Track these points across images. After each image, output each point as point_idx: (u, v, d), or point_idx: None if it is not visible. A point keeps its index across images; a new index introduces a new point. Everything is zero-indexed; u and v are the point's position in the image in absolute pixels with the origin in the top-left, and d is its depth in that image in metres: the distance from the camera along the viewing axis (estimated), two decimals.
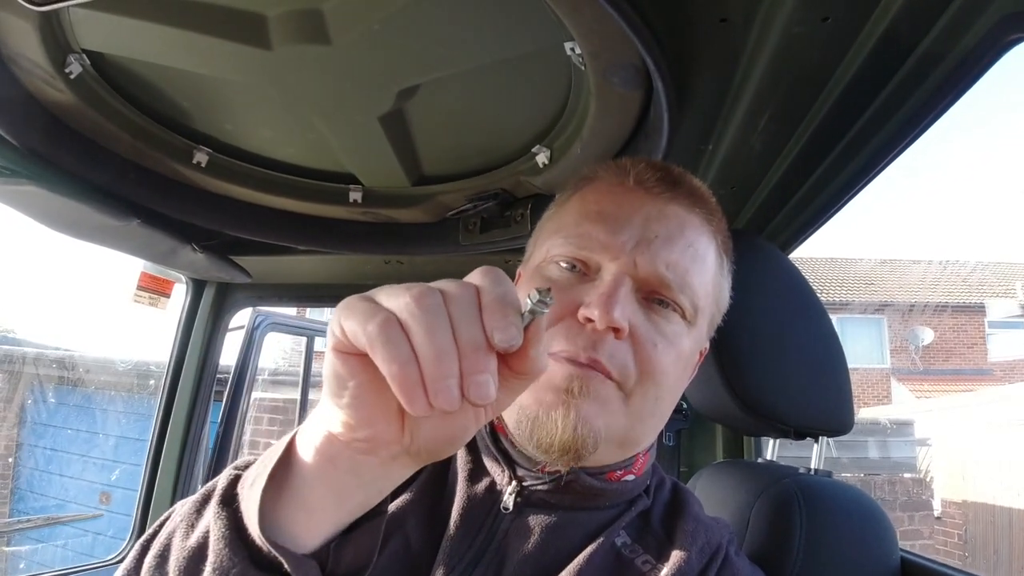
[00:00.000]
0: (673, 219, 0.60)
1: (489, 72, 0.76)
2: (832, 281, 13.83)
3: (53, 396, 5.48)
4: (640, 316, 0.56)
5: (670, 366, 0.57)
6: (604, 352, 0.53)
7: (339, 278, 1.46)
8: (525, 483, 0.58)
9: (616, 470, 0.60)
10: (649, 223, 0.58)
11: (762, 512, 0.68)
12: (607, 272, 0.56)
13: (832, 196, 0.79)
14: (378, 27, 0.65)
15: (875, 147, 0.68)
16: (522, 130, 0.90)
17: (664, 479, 0.66)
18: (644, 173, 0.61)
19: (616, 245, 0.57)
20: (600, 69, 0.67)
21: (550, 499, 0.58)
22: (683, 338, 0.58)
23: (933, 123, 0.64)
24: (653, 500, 0.63)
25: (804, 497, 0.67)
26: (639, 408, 0.56)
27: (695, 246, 0.60)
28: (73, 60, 0.74)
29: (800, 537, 0.65)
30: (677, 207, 0.60)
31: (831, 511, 0.68)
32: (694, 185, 0.63)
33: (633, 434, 0.58)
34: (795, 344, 0.74)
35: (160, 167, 0.95)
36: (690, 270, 0.58)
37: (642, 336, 0.55)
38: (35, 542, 4.19)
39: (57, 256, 23.02)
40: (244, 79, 0.78)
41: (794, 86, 0.63)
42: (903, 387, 11.87)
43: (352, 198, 1.09)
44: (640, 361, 0.55)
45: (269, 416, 6.05)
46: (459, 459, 0.62)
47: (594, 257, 0.58)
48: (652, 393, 0.56)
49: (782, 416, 0.72)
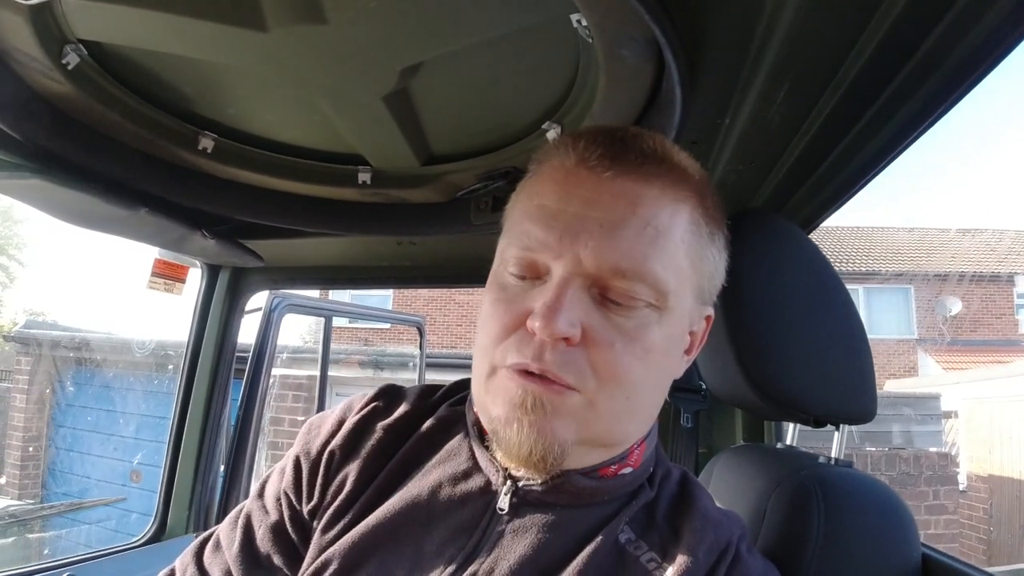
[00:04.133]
0: (621, 199, 0.53)
1: (494, 47, 0.73)
2: (858, 251, 13.58)
3: (82, 377, 5.63)
4: (595, 315, 0.51)
5: (635, 363, 0.52)
6: (555, 361, 0.50)
7: (353, 260, 1.45)
8: (520, 483, 0.57)
9: (609, 465, 0.58)
10: (593, 205, 0.52)
11: (779, 505, 0.66)
12: (553, 275, 0.52)
13: (856, 172, 0.75)
14: (375, 4, 0.63)
15: (903, 119, 0.64)
16: (531, 107, 0.87)
17: (671, 470, 0.63)
18: (587, 150, 0.54)
19: (557, 242, 0.52)
20: (607, 42, 0.63)
21: (546, 498, 0.56)
22: (650, 329, 0.53)
23: (968, 91, 0.59)
24: (658, 492, 0.60)
25: (823, 490, 0.64)
26: (608, 411, 0.53)
27: (653, 223, 0.52)
28: (70, 51, 0.73)
29: (817, 532, 0.62)
30: (626, 181, 0.53)
31: (850, 506, 0.65)
32: (649, 149, 0.55)
33: (613, 435, 0.56)
34: (816, 328, 0.71)
35: (166, 154, 0.94)
36: (648, 254, 0.52)
37: (598, 337, 0.51)
38: (59, 528, 4.33)
39: (82, 238, 23.44)
40: (242, 63, 0.76)
41: (815, 55, 0.59)
42: (930, 358, 11.66)
43: (361, 179, 1.07)
44: (598, 365, 0.51)
45: (293, 393, 6.17)
46: (454, 459, 0.61)
47: (539, 258, 0.53)
48: (619, 394, 0.52)
49: (801, 404, 0.69)
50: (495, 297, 0.56)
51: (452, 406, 0.67)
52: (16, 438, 5.52)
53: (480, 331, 0.57)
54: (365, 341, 11.25)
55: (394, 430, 0.64)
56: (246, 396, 1.87)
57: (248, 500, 0.68)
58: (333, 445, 0.64)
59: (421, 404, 0.67)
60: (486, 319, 0.56)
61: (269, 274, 1.50)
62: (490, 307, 0.56)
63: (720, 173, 0.84)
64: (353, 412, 0.67)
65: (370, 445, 0.63)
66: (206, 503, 1.54)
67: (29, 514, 4.03)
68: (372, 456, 0.63)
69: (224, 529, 0.66)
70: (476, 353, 0.57)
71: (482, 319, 0.57)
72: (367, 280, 1.56)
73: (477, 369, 0.57)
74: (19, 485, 5.44)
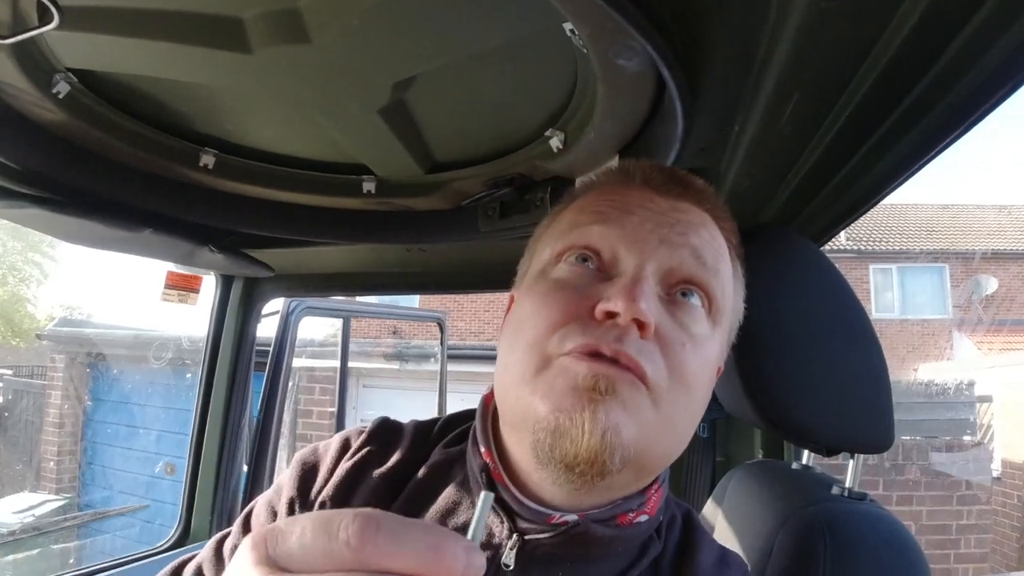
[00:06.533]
0: (688, 216, 0.54)
1: (490, 57, 0.70)
2: (891, 229, 13.25)
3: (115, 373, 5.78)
4: (665, 315, 0.49)
5: (700, 371, 0.50)
6: (632, 346, 0.46)
7: (363, 266, 1.44)
8: (527, 536, 0.52)
9: (628, 512, 0.53)
10: (665, 215, 0.53)
11: (785, 545, 0.63)
12: (626, 263, 0.50)
13: (872, 186, 0.70)
14: (357, 22, 0.61)
15: (922, 132, 0.59)
16: (532, 114, 0.85)
17: (676, 514, 0.60)
18: (650, 172, 0.57)
19: (634, 234, 0.51)
20: (602, 50, 0.60)
21: (556, 552, 0.52)
22: (710, 341, 0.52)
23: (996, 106, 0.55)
24: (664, 543, 0.57)
25: (830, 531, 0.61)
26: (669, 420, 0.48)
27: (715, 243, 0.54)
28: (59, 80, 0.72)
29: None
30: (690, 204, 0.56)
31: (859, 549, 0.61)
32: (702, 186, 0.58)
33: (656, 454, 0.50)
34: (829, 354, 0.67)
35: (167, 172, 0.93)
36: (714, 267, 0.53)
37: (669, 336, 0.48)
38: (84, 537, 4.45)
39: None
40: (231, 84, 0.74)
41: (825, 65, 0.55)
42: (965, 339, 11.33)
43: (366, 189, 1.06)
44: (670, 363, 0.48)
45: (320, 386, 6.26)
46: (454, 511, 0.57)
47: (609, 246, 0.51)
48: (683, 403, 0.49)
49: (812, 434, 0.65)
50: (547, 289, 0.52)
51: (446, 447, 0.63)
52: (52, 434, 5.71)
53: (523, 327, 0.51)
54: (395, 331, 11.37)
55: (388, 479, 0.61)
56: (266, 398, 1.90)
57: (233, 529, 0.64)
58: (324, 495, 0.60)
59: (415, 447, 0.64)
60: (535, 311, 0.50)
61: (281, 282, 1.50)
62: (540, 299, 0.51)
63: (732, 179, 0.81)
64: (347, 456, 0.63)
65: (364, 497, 0.60)
66: (228, 507, 1.56)
67: (53, 525, 4.16)
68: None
69: (207, 559, 0.62)
70: (515, 352, 0.51)
71: (526, 315, 0.51)
72: (378, 287, 1.55)
73: (519, 367, 0.50)
74: (56, 480, 5.63)
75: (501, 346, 0.55)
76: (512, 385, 0.51)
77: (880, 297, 12.29)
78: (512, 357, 0.51)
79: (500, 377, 0.54)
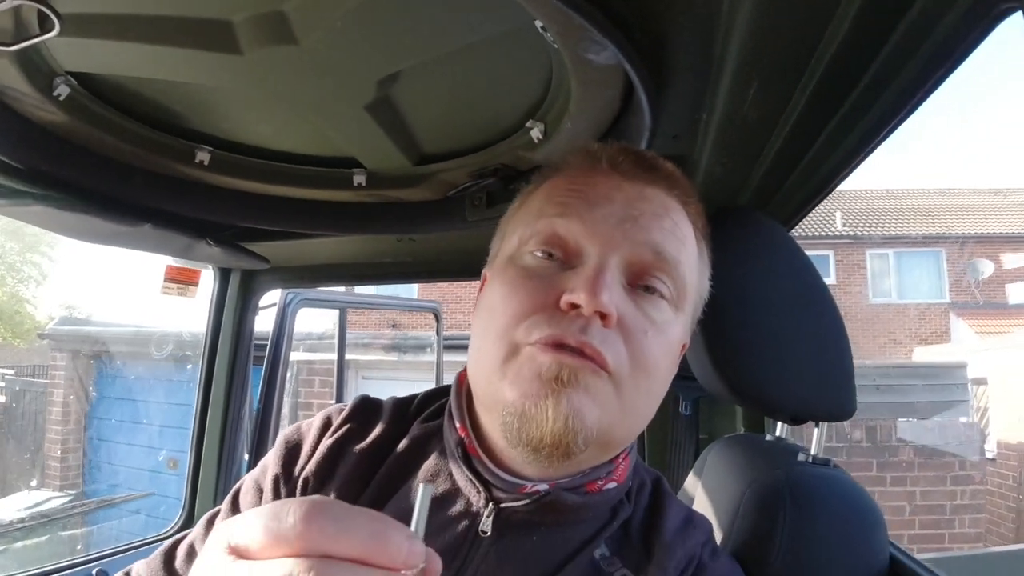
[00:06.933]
0: (652, 201, 0.56)
1: (470, 53, 0.73)
2: (888, 213, 13.27)
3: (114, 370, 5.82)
4: (628, 303, 0.52)
5: (662, 356, 0.53)
6: (595, 336, 0.48)
7: (357, 257, 1.48)
8: (503, 504, 0.55)
9: (596, 480, 0.56)
10: (631, 202, 0.55)
11: (750, 505, 0.67)
12: (590, 256, 0.52)
13: (837, 164, 0.73)
14: (341, 24, 0.64)
15: (878, 111, 0.63)
16: (514, 106, 0.88)
17: (645, 479, 0.64)
18: (617, 156, 0.58)
19: (598, 225, 0.53)
20: (571, 46, 0.64)
21: (530, 519, 0.55)
22: (672, 326, 0.55)
23: (944, 79, 0.58)
24: (634, 506, 0.60)
25: (791, 492, 0.65)
26: (631, 403, 0.52)
27: (679, 230, 0.56)
28: (60, 83, 0.75)
29: (782, 534, 0.63)
30: (656, 189, 0.57)
31: (818, 507, 0.66)
32: (670, 169, 0.59)
33: (620, 432, 0.53)
34: (793, 328, 0.71)
35: (165, 169, 0.97)
36: (677, 251, 0.55)
37: (631, 324, 0.51)
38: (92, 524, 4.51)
39: None
40: (223, 84, 0.78)
41: (780, 51, 0.58)
42: (962, 322, 11.39)
43: (356, 182, 1.09)
44: (632, 351, 0.50)
45: (320, 378, 6.30)
46: (433, 482, 0.59)
47: (573, 239, 0.53)
48: (644, 386, 0.52)
49: (774, 403, 0.70)
50: (515, 276, 0.54)
51: (424, 422, 0.66)
52: (55, 431, 5.77)
53: (494, 314, 0.53)
54: (394, 324, 11.41)
55: (368, 455, 0.63)
56: (265, 388, 1.94)
57: (223, 507, 0.67)
58: (307, 472, 0.62)
59: (395, 423, 0.66)
60: (505, 299, 0.53)
61: (278, 274, 1.54)
62: (509, 287, 0.53)
63: (705, 165, 0.84)
64: (329, 433, 0.65)
65: (345, 472, 0.62)
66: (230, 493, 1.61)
67: (61, 513, 4.21)
68: (348, 483, 0.61)
69: (198, 536, 0.65)
70: (487, 338, 0.53)
71: (496, 302, 0.54)
72: (372, 276, 1.59)
73: (489, 354, 0.52)
74: (60, 476, 5.70)
75: (474, 329, 0.58)
76: (483, 370, 0.54)
77: (878, 282, 12.34)
78: (483, 343, 0.54)
79: (473, 361, 0.57)
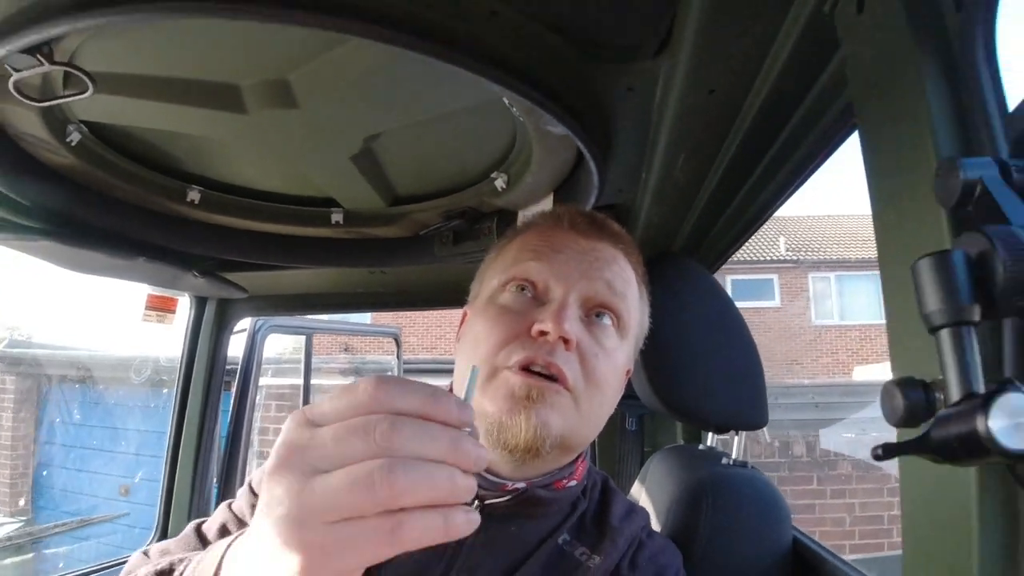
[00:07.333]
0: (604, 254, 0.71)
1: (447, 115, 0.85)
2: (829, 238, 13.82)
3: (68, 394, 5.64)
4: (584, 333, 0.65)
5: (610, 375, 0.67)
6: (559, 357, 0.62)
7: (330, 287, 1.57)
8: (487, 501, 0.66)
9: (562, 479, 0.69)
10: (586, 252, 0.70)
11: (680, 501, 0.81)
12: (555, 293, 0.66)
13: (751, 218, 0.90)
14: (338, 93, 0.75)
15: (778, 183, 0.80)
16: (481, 159, 1.00)
17: (596, 479, 0.77)
18: (576, 219, 0.73)
19: (561, 270, 0.67)
20: (534, 121, 0.76)
21: (508, 512, 0.66)
22: (618, 351, 0.68)
23: (829, 156, 0.74)
24: (588, 500, 0.73)
25: (713, 489, 0.79)
26: (587, 413, 0.64)
27: (624, 276, 0.71)
28: (72, 130, 0.83)
29: (705, 523, 0.77)
30: (606, 243, 0.72)
31: (733, 500, 0.80)
32: (616, 228, 0.74)
33: (578, 437, 0.66)
34: (714, 352, 0.86)
35: (160, 207, 1.05)
36: (623, 292, 0.69)
37: (586, 349, 0.64)
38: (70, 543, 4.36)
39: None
40: (224, 138, 0.87)
41: (699, 137, 0.74)
42: None
43: (334, 220, 1.18)
44: (586, 369, 0.64)
45: (276, 403, 6.19)
46: None
47: (543, 279, 0.67)
48: (597, 399, 0.65)
49: (703, 415, 0.84)
50: (495, 313, 0.67)
51: None
52: (4, 456, 5.53)
53: (478, 343, 0.65)
54: (346, 347, 11.30)
55: None
56: (235, 413, 1.98)
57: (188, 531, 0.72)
58: None
59: None
60: (488, 331, 0.65)
61: (253, 302, 1.61)
62: (492, 322, 0.66)
63: (644, 215, 0.98)
64: None
65: None
66: (203, 514, 1.64)
67: (41, 532, 4.07)
68: None
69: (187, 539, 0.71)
70: (473, 362, 0.65)
71: (480, 332, 0.66)
72: (343, 305, 1.68)
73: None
74: (9, 503, 5.46)
75: (460, 355, 0.71)
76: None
77: (820, 304, 12.86)
78: (470, 365, 0.66)
79: (460, 381, 0.70)
